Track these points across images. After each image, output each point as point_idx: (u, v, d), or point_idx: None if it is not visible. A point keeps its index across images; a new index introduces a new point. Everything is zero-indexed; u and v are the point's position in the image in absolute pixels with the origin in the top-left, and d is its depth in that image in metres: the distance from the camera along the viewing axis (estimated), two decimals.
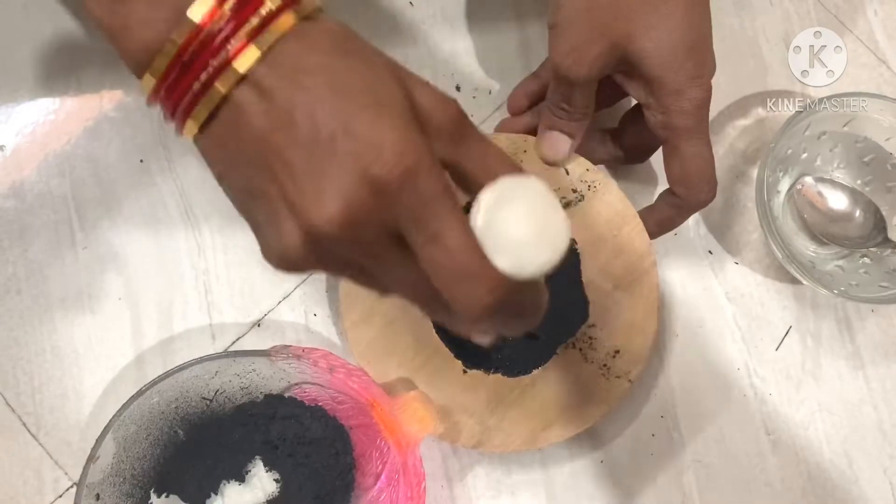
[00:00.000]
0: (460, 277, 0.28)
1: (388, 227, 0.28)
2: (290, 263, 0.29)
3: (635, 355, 0.49)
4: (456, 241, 0.28)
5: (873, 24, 0.58)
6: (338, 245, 0.28)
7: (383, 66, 0.29)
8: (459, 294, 0.28)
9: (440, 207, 0.28)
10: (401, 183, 0.27)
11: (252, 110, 0.28)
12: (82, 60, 0.54)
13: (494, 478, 0.50)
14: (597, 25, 0.42)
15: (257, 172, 0.29)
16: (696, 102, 0.43)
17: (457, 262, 0.28)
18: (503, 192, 0.29)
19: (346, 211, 0.27)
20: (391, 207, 0.27)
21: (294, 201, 0.28)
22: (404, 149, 0.27)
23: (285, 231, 0.28)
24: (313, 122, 0.27)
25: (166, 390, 0.45)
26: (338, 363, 0.45)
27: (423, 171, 0.27)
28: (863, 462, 0.52)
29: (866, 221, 0.52)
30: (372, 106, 0.28)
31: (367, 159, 0.27)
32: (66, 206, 0.52)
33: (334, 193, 0.27)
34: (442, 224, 0.28)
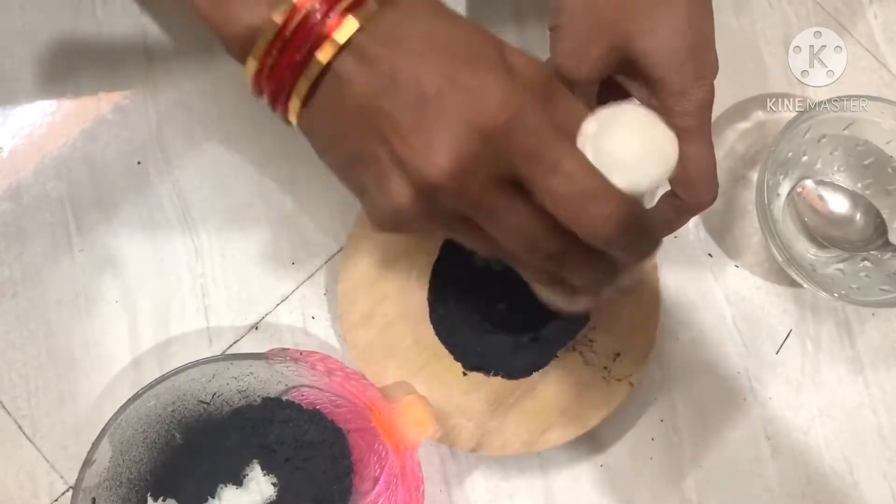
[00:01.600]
0: (586, 199, 0.29)
1: (499, 174, 0.29)
2: (400, 222, 0.30)
3: (635, 358, 0.48)
4: (575, 167, 0.29)
5: (873, 27, 0.58)
6: (449, 197, 0.29)
7: (475, 27, 0.31)
8: (587, 217, 0.29)
9: (552, 140, 0.29)
10: (510, 126, 0.28)
11: (355, 77, 0.29)
12: (80, 62, 0.54)
13: (493, 482, 0.50)
14: (599, 26, 0.42)
15: (363, 136, 0.30)
16: (699, 103, 0.43)
17: (579, 185, 0.29)
18: (603, 120, 0.30)
19: (457, 161, 0.28)
20: (502, 152, 0.28)
21: (404, 158, 0.29)
22: (508, 94, 0.28)
23: (395, 189, 0.29)
24: (417, 81, 0.28)
25: (163, 393, 0.45)
26: (336, 366, 0.45)
27: (529, 111, 0.28)
28: (863, 466, 0.52)
29: (867, 225, 0.52)
30: (472, 60, 0.29)
31: (473, 109, 0.28)
32: (62, 208, 0.52)
33: (444, 145, 0.28)
34: (557, 154, 0.29)
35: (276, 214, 0.52)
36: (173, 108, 0.53)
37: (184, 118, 0.53)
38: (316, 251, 0.52)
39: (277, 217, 0.52)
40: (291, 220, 0.52)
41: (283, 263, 0.52)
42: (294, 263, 0.52)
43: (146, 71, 0.54)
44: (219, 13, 0.30)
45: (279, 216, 0.52)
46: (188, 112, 0.53)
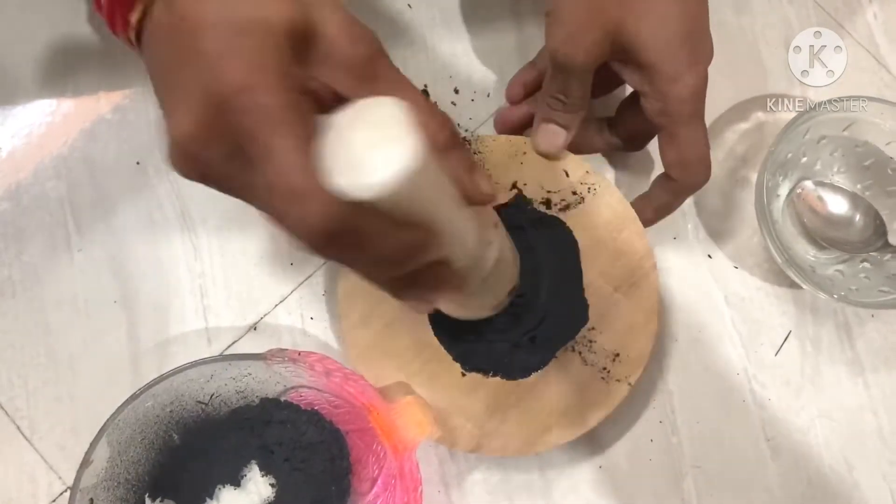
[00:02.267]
0: (290, 196, 0.27)
1: (235, 143, 0.28)
2: (175, 167, 0.29)
3: (635, 359, 0.48)
4: (284, 158, 0.27)
5: (873, 28, 0.58)
6: (200, 159, 0.28)
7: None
8: (290, 215, 0.27)
9: (273, 124, 0.27)
10: (233, 98, 0.27)
11: (157, 17, 0.30)
12: (79, 63, 0.54)
13: (492, 483, 0.50)
14: (593, 13, 0.42)
15: (157, 84, 0.30)
16: (693, 89, 0.43)
17: (284, 179, 0.26)
18: (360, 111, 0.27)
19: (193, 125, 0.28)
20: (231, 123, 0.27)
21: (167, 114, 0.29)
22: (246, 67, 0.27)
23: (168, 142, 0.29)
24: (193, 38, 0.28)
25: (161, 394, 0.45)
26: (334, 367, 0.45)
27: (261, 88, 0.27)
28: (862, 468, 0.51)
29: (866, 226, 0.51)
30: (239, 28, 0.28)
31: (212, 75, 0.27)
32: (62, 208, 0.52)
33: (185, 108, 0.28)
34: (272, 141, 0.27)
35: None
36: None
37: None
38: None
39: None
40: None
41: (282, 264, 0.52)
42: (293, 264, 0.52)
43: (145, 71, 0.54)
44: None
45: None
46: None
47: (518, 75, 0.52)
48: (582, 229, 0.49)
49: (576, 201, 0.50)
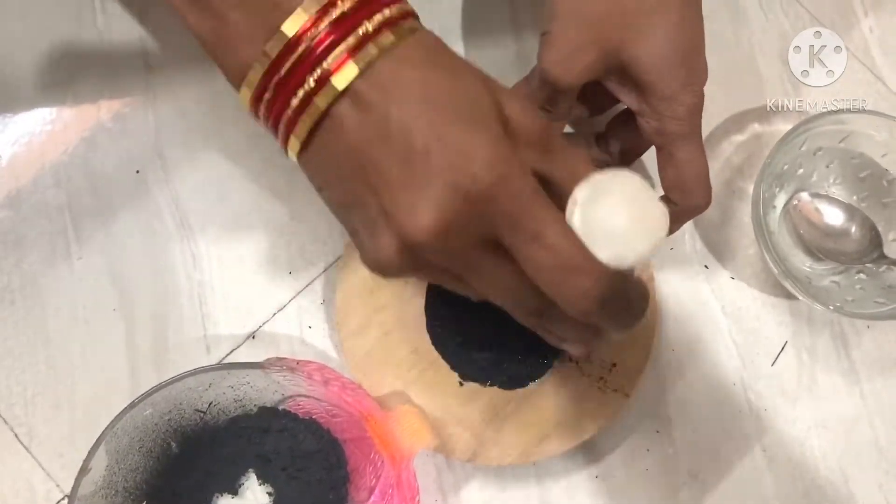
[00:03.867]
0: (565, 272, 0.28)
1: (483, 235, 0.29)
2: (387, 271, 0.30)
3: (632, 369, 0.48)
4: (557, 237, 0.28)
5: (869, 41, 0.58)
6: (433, 254, 0.29)
7: (474, 78, 0.30)
8: (566, 289, 0.29)
9: (536, 208, 0.28)
10: (494, 191, 0.28)
11: (350, 123, 0.29)
12: (80, 71, 0.54)
13: (489, 492, 0.50)
14: (590, 33, 0.42)
15: (355, 184, 0.30)
16: (690, 108, 0.43)
17: (560, 257, 0.28)
18: (596, 186, 0.29)
19: (440, 221, 0.28)
20: (485, 215, 0.28)
21: (390, 212, 0.29)
22: (495, 158, 0.28)
23: (382, 241, 0.29)
24: (408, 134, 0.28)
25: (160, 402, 0.45)
26: (332, 376, 0.45)
27: (515, 176, 0.28)
28: (859, 479, 0.52)
29: (862, 237, 0.52)
30: (463, 118, 0.28)
31: (459, 170, 0.28)
32: (61, 216, 0.52)
33: (428, 204, 0.28)
34: (540, 223, 0.28)
35: (274, 224, 0.53)
36: (172, 117, 0.54)
37: (183, 127, 0.54)
38: (313, 260, 0.52)
39: (275, 226, 0.53)
40: (289, 230, 0.53)
41: (281, 273, 0.52)
42: (291, 273, 0.52)
43: (146, 80, 0.54)
44: (218, 38, 0.31)
45: (277, 225, 0.53)
46: (187, 121, 0.54)
47: (513, 89, 0.52)
48: None
49: None
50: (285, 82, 0.29)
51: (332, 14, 0.29)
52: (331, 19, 0.29)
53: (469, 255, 0.29)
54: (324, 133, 0.30)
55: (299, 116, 0.30)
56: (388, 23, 0.30)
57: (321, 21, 0.29)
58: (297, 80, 0.29)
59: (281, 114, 0.30)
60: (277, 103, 0.30)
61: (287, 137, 0.31)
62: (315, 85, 0.29)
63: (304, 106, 0.29)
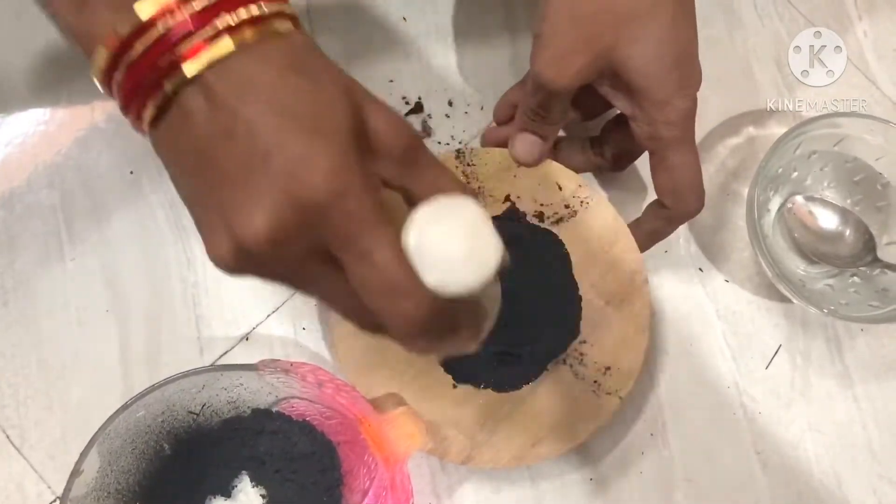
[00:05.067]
0: (388, 294, 0.28)
1: (317, 246, 0.28)
2: (224, 268, 0.29)
3: (626, 372, 0.48)
4: (383, 259, 0.28)
5: (863, 45, 0.58)
6: (266, 259, 0.28)
7: (335, 87, 0.29)
8: (388, 310, 0.29)
9: (369, 226, 0.28)
10: (328, 203, 0.27)
11: (197, 116, 0.28)
12: (74, 71, 0.54)
13: (483, 495, 0.50)
14: (582, 37, 0.42)
15: (198, 177, 0.29)
16: (683, 113, 0.43)
17: (384, 278, 0.28)
18: (437, 210, 0.29)
19: (272, 229, 0.27)
20: (317, 227, 0.28)
21: (225, 213, 0.28)
22: (334, 170, 0.27)
23: (218, 240, 0.29)
24: (252, 136, 0.27)
25: (152, 404, 0.45)
26: (326, 378, 0.45)
27: (352, 191, 0.28)
28: (852, 482, 0.52)
29: (856, 241, 0.52)
30: (310, 127, 0.28)
31: (296, 178, 0.27)
32: (55, 217, 0.52)
33: (262, 211, 0.27)
34: (371, 242, 0.28)
35: None
36: None
37: None
38: None
39: None
40: None
41: None
42: None
43: None
44: (81, 25, 0.29)
45: None
46: None
47: (506, 96, 0.52)
48: (574, 243, 0.50)
49: (568, 215, 0.50)
50: (136, 64, 0.28)
51: (194, 4, 0.28)
52: (193, 9, 0.28)
53: (302, 264, 0.29)
54: (172, 121, 0.29)
55: (147, 99, 0.29)
56: (254, 20, 0.29)
57: (182, 8, 0.28)
58: (147, 63, 0.28)
59: (131, 95, 0.29)
60: (128, 83, 0.29)
61: (138, 117, 0.30)
62: (165, 68, 0.28)
63: (153, 89, 0.28)
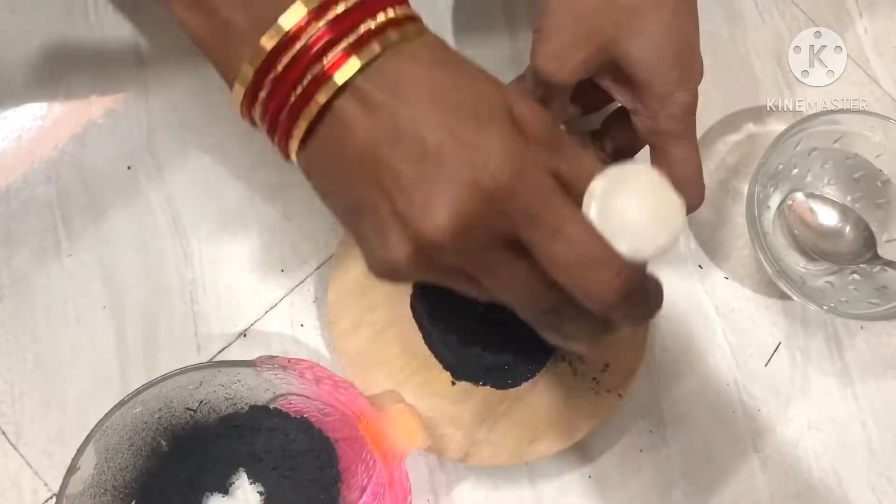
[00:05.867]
0: (586, 266, 0.28)
1: (499, 233, 0.28)
2: (398, 274, 0.30)
3: (625, 370, 0.48)
4: (577, 232, 0.28)
5: (863, 42, 0.58)
6: (447, 254, 0.28)
7: (482, 76, 0.30)
8: (587, 283, 0.28)
9: (554, 203, 0.28)
10: (511, 186, 0.27)
11: (356, 123, 0.28)
12: (71, 66, 0.54)
13: (482, 492, 0.50)
14: (583, 31, 0.42)
15: (364, 186, 0.29)
16: (684, 107, 0.43)
17: (581, 251, 0.28)
18: (612, 179, 0.29)
19: (456, 220, 0.27)
20: (503, 212, 0.28)
21: (403, 213, 0.28)
22: (511, 154, 0.28)
23: (394, 243, 0.28)
24: (419, 133, 0.28)
25: (150, 400, 0.45)
26: (324, 374, 0.45)
27: (531, 172, 0.28)
28: (852, 480, 0.52)
29: (856, 238, 0.52)
30: (475, 116, 0.28)
31: (475, 168, 0.27)
32: (51, 213, 0.52)
33: (445, 203, 0.27)
34: (559, 218, 0.28)
35: (267, 221, 0.52)
36: (165, 113, 0.53)
37: (175, 123, 0.53)
38: (306, 258, 0.52)
39: (268, 224, 0.52)
40: (282, 227, 0.52)
41: (273, 271, 0.52)
42: (284, 271, 0.52)
43: (138, 75, 0.54)
44: (218, 45, 0.30)
45: (270, 223, 0.52)
46: (180, 117, 0.53)
47: None
48: None
49: None
50: (282, 78, 0.28)
51: (334, 10, 0.28)
52: (332, 15, 0.28)
53: (485, 253, 0.29)
54: (326, 133, 0.29)
55: (298, 114, 0.29)
56: (391, 23, 0.29)
57: (321, 17, 0.28)
58: (294, 76, 0.28)
59: (278, 112, 0.29)
60: (274, 100, 0.29)
61: (286, 136, 0.30)
62: (314, 81, 0.28)
63: (303, 103, 0.28)
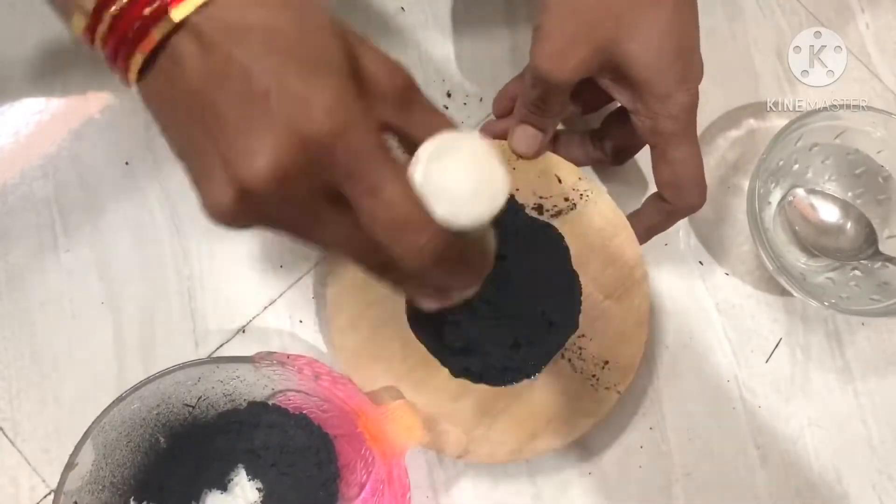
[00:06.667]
0: (400, 227, 0.28)
1: (323, 184, 0.28)
2: (225, 218, 0.29)
3: (625, 366, 0.48)
4: (393, 192, 0.28)
5: (865, 38, 0.58)
6: (271, 201, 0.28)
7: (327, 25, 0.29)
8: (400, 243, 0.29)
9: (376, 162, 0.28)
10: (333, 139, 0.27)
11: (189, 60, 0.28)
12: (69, 62, 0.53)
13: (481, 489, 0.50)
14: (582, 29, 0.42)
15: (193, 125, 0.29)
16: (684, 107, 0.43)
17: (395, 212, 0.28)
18: (442, 145, 0.29)
19: (276, 168, 0.27)
20: (323, 164, 0.28)
21: (226, 157, 0.28)
22: (336, 106, 0.27)
23: (218, 186, 0.28)
24: (248, 77, 0.27)
25: (148, 396, 0.44)
26: (323, 371, 0.44)
27: (355, 127, 0.28)
28: (852, 477, 0.51)
29: (857, 234, 0.52)
30: (307, 64, 0.28)
31: (298, 117, 0.27)
32: (48, 208, 0.51)
33: (265, 150, 0.27)
34: (378, 177, 0.28)
35: None
36: None
37: None
38: (304, 254, 0.52)
39: None
40: None
41: (272, 267, 0.52)
42: (282, 267, 0.52)
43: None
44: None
45: None
46: None
47: (505, 89, 0.52)
48: (574, 236, 0.49)
49: (568, 208, 0.50)
50: (121, 14, 0.28)
51: None
52: None
53: (308, 203, 0.29)
54: (161, 67, 0.29)
55: (134, 49, 0.28)
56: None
57: None
58: (133, 13, 0.28)
59: (117, 46, 0.29)
60: (113, 35, 0.29)
61: (124, 68, 0.29)
62: (151, 16, 0.28)
63: (140, 37, 0.28)
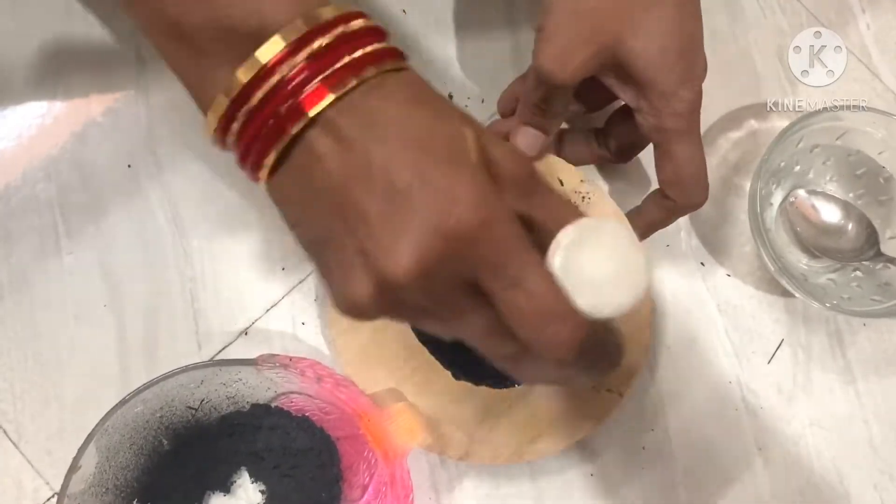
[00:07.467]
0: (543, 320, 0.28)
1: (462, 277, 0.28)
2: (360, 312, 0.29)
3: (626, 369, 0.48)
4: (537, 285, 0.28)
5: (865, 38, 0.58)
6: (410, 295, 0.28)
7: (458, 118, 0.30)
8: (543, 336, 0.28)
9: (518, 253, 0.28)
10: (476, 234, 0.27)
11: (326, 156, 0.28)
12: (71, 64, 0.53)
13: (483, 491, 0.50)
14: (585, 29, 0.42)
15: (331, 220, 0.29)
16: (688, 105, 0.43)
17: (539, 304, 0.28)
18: (581, 232, 0.29)
19: (420, 262, 0.27)
20: (466, 258, 0.28)
21: (368, 251, 0.28)
22: (479, 200, 0.27)
23: (357, 281, 0.28)
24: (389, 173, 0.27)
25: (151, 399, 0.44)
26: (325, 373, 0.45)
27: (497, 220, 0.28)
28: (854, 477, 0.51)
29: (858, 235, 0.52)
30: (447, 158, 0.28)
31: (442, 211, 0.27)
32: (51, 211, 0.52)
33: (409, 245, 0.27)
34: (521, 269, 0.28)
35: (267, 219, 0.52)
36: (165, 111, 0.53)
37: (175, 121, 0.53)
38: (306, 257, 0.52)
39: (268, 222, 0.52)
40: (283, 225, 0.51)
41: (274, 269, 0.52)
42: (284, 269, 0.52)
43: (138, 73, 0.53)
44: (196, 75, 0.30)
45: (271, 221, 0.52)
46: (180, 115, 0.53)
47: (510, 89, 0.52)
48: None
49: None
50: (257, 111, 0.28)
51: (312, 45, 0.28)
52: (310, 50, 0.28)
53: (447, 296, 0.29)
54: (296, 163, 0.29)
55: (270, 145, 0.29)
56: (370, 58, 0.29)
57: (299, 51, 0.28)
58: (269, 109, 0.28)
59: (250, 142, 0.29)
60: (247, 132, 0.29)
61: (257, 165, 0.30)
62: (287, 113, 0.28)
63: (276, 134, 0.28)
